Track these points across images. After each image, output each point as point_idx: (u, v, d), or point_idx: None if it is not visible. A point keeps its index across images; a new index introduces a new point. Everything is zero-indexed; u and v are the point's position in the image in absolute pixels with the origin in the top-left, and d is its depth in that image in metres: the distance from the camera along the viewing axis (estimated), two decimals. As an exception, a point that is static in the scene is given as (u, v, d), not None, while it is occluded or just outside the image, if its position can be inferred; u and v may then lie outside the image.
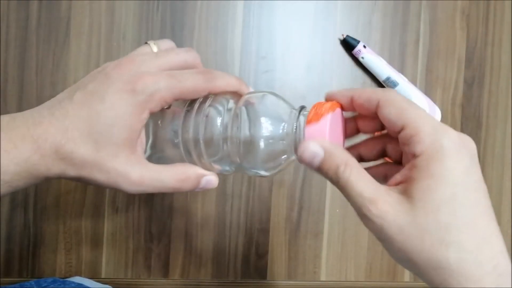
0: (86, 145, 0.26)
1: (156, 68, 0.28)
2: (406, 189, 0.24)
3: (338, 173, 0.25)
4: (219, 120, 0.29)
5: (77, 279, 0.50)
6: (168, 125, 0.31)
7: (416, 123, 0.25)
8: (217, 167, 0.31)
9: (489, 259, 0.23)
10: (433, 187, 0.23)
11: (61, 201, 0.52)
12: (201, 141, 0.29)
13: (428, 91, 0.57)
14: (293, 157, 0.29)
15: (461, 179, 0.23)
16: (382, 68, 0.54)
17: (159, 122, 0.31)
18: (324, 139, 0.26)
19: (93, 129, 0.26)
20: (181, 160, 0.31)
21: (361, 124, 0.30)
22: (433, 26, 0.57)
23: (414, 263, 0.23)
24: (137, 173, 0.28)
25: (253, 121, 0.28)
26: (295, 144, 0.28)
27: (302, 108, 0.29)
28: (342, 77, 0.56)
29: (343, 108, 0.29)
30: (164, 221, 0.54)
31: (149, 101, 0.27)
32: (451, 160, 0.23)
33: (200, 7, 0.54)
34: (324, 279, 0.56)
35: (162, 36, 0.53)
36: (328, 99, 0.29)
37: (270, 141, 0.28)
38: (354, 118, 0.30)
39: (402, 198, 0.24)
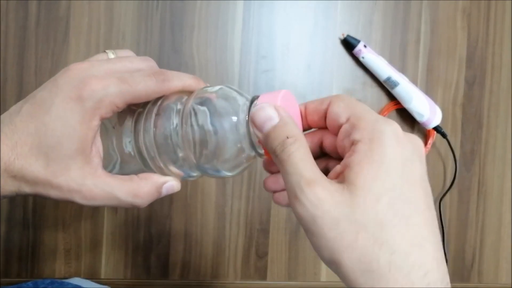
0: (36, 160, 0.25)
1: (106, 72, 0.27)
2: (346, 177, 0.22)
3: (284, 143, 0.23)
4: (171, 120, 0.27)
5: (75, 280, 0.50)
6: (121, 128, 0.29)
7: (360, 114, 0.24)
8: (177, 172, 0.29)
9: (420, 264, 0.21)
10: (374, 174, 0.22)
11: (60, 202, 0.52)
12: (154, 145, 0.28)
13: (429, 91, 0.57)
14: (253, 153, 0.27)
15: (400, 170, 0.22)
16: (383, 68, 0.54)
17: (113, 125, 0.30)
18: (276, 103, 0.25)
19: (42, 142, 0.25)
20: (141, 168, 0.29)
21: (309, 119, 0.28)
22: (434, 26, 0.57)
23: (341, 264, 0.21)
24: (89, 187, 0.26)
25: (205, 117, 0.26)
26: (250, 137, 0.26)
27: (255, 98, 0.27)
28: (342, 77, 0.56)
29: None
30: (164, 221, 0.54)
31: (98, 107, 0.25)
32: (391, 147, 0.22)
33: (200, 7, 0.53)
34: (324, 280, 0.56)
35: (161, 36, 0.53)
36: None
37: (224, 136, 0.26)
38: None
39: (342, 187, 0.22)
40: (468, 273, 0.59)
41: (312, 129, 0.29)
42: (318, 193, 0.22)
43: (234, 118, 0.26)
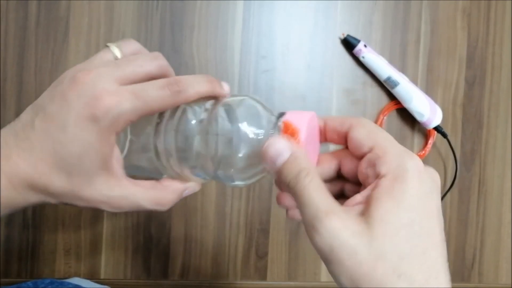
0: (59, 177, 0.26)
1: (116, 83, 0.26)
2: (365, 210, 0.23)
3: (298, 177, 0.24)
4: (193, 124, 0.28)
5: (75, 280, 0.50)
6: (139, 134, 0.30)
7: (384, 144, 0.25)
8: (190, 176, 0.29)
9: None
10: (392, 209, 0.22)
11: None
12: (173, 147, 0.28)
13: (429, 91, 0.57)
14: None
15: (419, 205, 0.23)
16: (383, 67, 0.54)
17: (129, 130, 0.30)
18: (301, 142, 0.25)
19: (62, 161, 0.25)
20: (156, 168, 0.29)
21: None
22: (434, 26, 0.57)
23: None
24: (116, 198, 0.27)
25: (229, 128, 0.27)
26: None
27: (281, 115, 0.27)
28: (342, 77, 0.56)
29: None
30: (164, 221, 0.54)
31: (114, 125, 0.25)
32: (413, 183, 0.23)
33: (200, 7, 0.53)
34: (324, 280, 0.56)
35: (161, 36, 0.53)
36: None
37: (247, 147, 0.26)
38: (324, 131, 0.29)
39: (360, 219, 0.23)
40: (468, 273, 0.59)
41: (328, 144, 0.30)
42: (335, 224, 0.22)
43: (259, 133, 0.27)
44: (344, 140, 0.27)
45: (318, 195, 0.23)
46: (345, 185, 0.29)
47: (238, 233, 0.55)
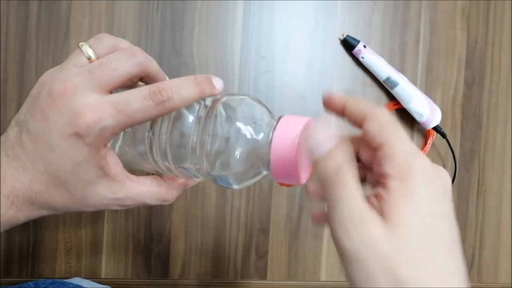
0: (59, 193, 0.26)
1: (95, 93, 0.25)
2: (384, 212, 0.22)
3: (340, 172, 0.23)
4: (190, 122, 0.27)
5: (76, 280, 0.50)
6: (134, 133, 0.29)
7: (392, 143, 0.24)
8: (184, 174, 0.29)
9: None
10: (407, 211, 0.22)
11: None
12: (168, 145, 0.28)
13: (428, 91, 0.57)
14: (265, 172, 0.27)
15: (428, 207, 0.22)
16: (382, 68, 0.54)
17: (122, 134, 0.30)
18: (293, 147, 0.24)
19: (58, 180, 0.25)
20: (143, 154, 0.29)
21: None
22: (433, 26, 0.57)
23: None
24: (122, 200, 0.27)
25: (227, 128, 0.26)
26: (269, 156, 0.25)
27: (281, 118, 0.26)
28: (342, 77, 0.56)
29: (333, 110, 0.27)
30: (164, 221, 0.54)
31: (99, 140, 0.25)
32: (421, 185, 0.22)
33: (200, 7, 0.54)
34: (324, 279, 0.56)
35: (162, 36, 0.53)
36: (326, 97, 0.27)
37: (244, 148, 0.26)
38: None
39: (387, 224, 0.22)
40: (467, 272, 0.59)
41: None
42: (371, 232, 0.22)
43: (256, 137, 0.26)
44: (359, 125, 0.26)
45: (357, 196, 0.22)
46: (366, 173, 0.28)
47: (238, 232, 0.55)
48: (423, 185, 0.23)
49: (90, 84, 0.25)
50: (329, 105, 0.27)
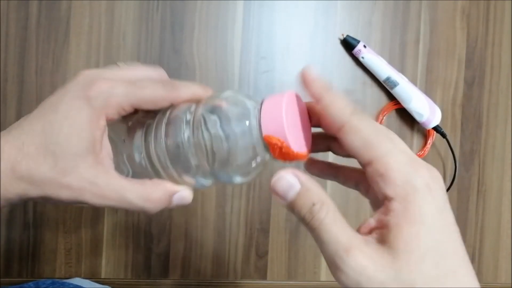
0: (44, 159, 0.25)
1: (115, 76, 0.27)
2: (384, 238, 0.22)
3: (312, 211, 0.22)
4: (181, 129, 0.27)
5: (76, 281, 0.50)
6: (131, 141, 0.29)
7: (384, 159, 0.22)
8: (190, 180, 0.29)
9: None
10: (415, 236, 0.21)
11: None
12: (166, 154, 0.27)
13: (428, 91, 0.57)
14: (267, 156, 0.26)
15: (439, 224, 0.22)
16: (382, 68, 0.54)
17: (123, 139, 0.30)
18: (282, 124, 0.24)
19: (49, 141, 0.25)
20: (151, 177, 0.29)
21: (323, 123, 0.27)
22: (433, 26, 0.57)
23: None
24: (101, 186, 0.26)
25: (216, 124, 0.26)
26: (263, 140, 0.25)
27: (264, 101, 0.26)
28: (342, 77, 0.56)
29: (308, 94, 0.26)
30: (164, 221, 0.54)
31: (105, 106, 0.25)
32: (427, 203, 0.22)
33: (200, 7, 0.54)
34: (324, 279, 0.56)
35: (162, 36, 0.53)
36: (303, 76, 0.25)
37: (237, 141, 0.26)
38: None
39: (382, 249, 0.21)
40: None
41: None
42: (359, 260, 0.21)
43: (246, 123, 0.26)
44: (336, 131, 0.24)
45: (336, 231, 0.22)
46: (332, 143, 0.27)
47: (238, 232, 0.55)
48: (427, 202, 0.22)
49: (114, 72, 0.27)
50: (306, 85, 0.25)
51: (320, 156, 0.29)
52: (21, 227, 0.52)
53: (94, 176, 0.26)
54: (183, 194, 0.28)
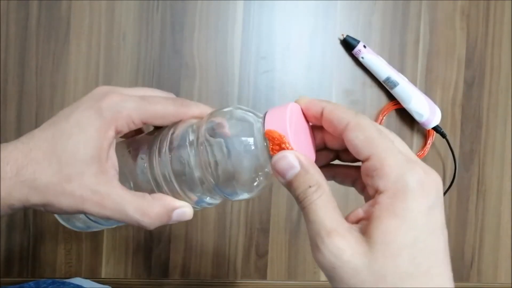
0: (49, 165, 0.25)
1: (128, 92, 0.28)
2: (366, 229, 0.22)
3: (306, 192, 0.23)
4: (186, 146, 0.27)
5: (76, 280, 0.50)
6: (137, 158, 0.29)
7: (382, 155, 0.23)
8: (194, 197, 0.28)
9: None
10: (394, 229, 0.22)
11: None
12: (170, 171, 0.27)
13: (428, 91, 0.57)
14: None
15: (423, 222, 0.22)
16: (382, 68, 0.54)
17: (129, 152, 0.30)
18: (285, 129, 0.24)
19: (57, 147, 0.25)
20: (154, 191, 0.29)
21: (328, 137, 0.28)
22: (433, 26, 0.57)
23: None
24: (102, 195, 0.25)
25: (220, 141, 0.26)
26: (268, 153, 0.25)
27: (266, 113, 0.26)
28: (342, 77, 0.56)
29: (308, 118, 0.27)
30: (164, 221, 0.54)
31: (115, 118, 0.26)
32: (415, 200, 0.22)
33: (200, 7, 0.54)
34: (324, 279, 0.56)
35: (162, 36, 0.53)
36: (301, 105, 0.27)
37: (241, 157, 0.25)
38: (321, 129, 0.28)
39: (362, 238, 0.22)
40: (467, 272, 0.59)
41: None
42: (337, 244, 0.22)
43: (250, 139, 0.26)
44: (341, 137, 0.25)
45: (324, 213, 0.23)
46: (336, 170, 0.29)
47: (238, 232, 0.55)
48: (416, 200, 0.22)
49: (128, 89, 0.28)
50: (306, 111, 0.27)
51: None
52: (21, 227, 0.52)
53: (96, 184, 0.26)
54: (184, 210, 0.28)
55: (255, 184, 0.27)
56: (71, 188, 0.25)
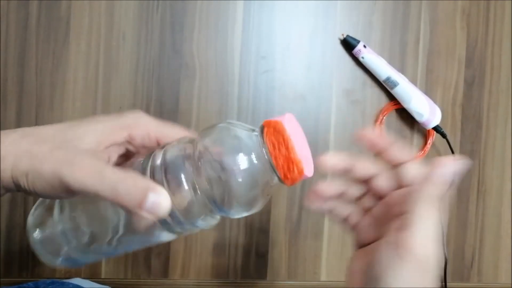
0: (45, 144, 0.25)
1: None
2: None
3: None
4: (181, 175, 0.25)
5: (76, 281, 0.50)
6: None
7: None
8: (199, 223, 0.27)
9: None
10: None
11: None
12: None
13: (428, 91, 0.57)
14: (275, 180, 0.26)
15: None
16: (382, 68, 0.54)
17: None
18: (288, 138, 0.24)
19: (61, 134, 0.26)
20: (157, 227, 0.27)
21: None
22: (433, 26, 0.57)
23: None
24: (84, 157, 0.24)
25: (219, 165, 0.25)
26: (271, 163, 0.25)
27: (262, 128, 0.26)
28: (342, 77, 0.56)
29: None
30: (164, 221, 0.54)
31: (134, 124, 0.28)
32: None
33: (200, 7, 0.54)
34: (324, 279, 0.56)
35: (162, 36, 0.53)
36: (363, 138, 0.29)
37: (246, 177, 0.25)
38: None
39: None
40: (467, 272, 0.59)
41: None
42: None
43: (252, 156, 0.25)
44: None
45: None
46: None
47: (238, 232, 0.55)
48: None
49: None
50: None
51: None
52: (21, 227, 0.52)
53: (80, 153, 0.25)
54: (159, 199, 0.23)
55: (260, 198, 0.26)
56: (57, 153, 0.24)
